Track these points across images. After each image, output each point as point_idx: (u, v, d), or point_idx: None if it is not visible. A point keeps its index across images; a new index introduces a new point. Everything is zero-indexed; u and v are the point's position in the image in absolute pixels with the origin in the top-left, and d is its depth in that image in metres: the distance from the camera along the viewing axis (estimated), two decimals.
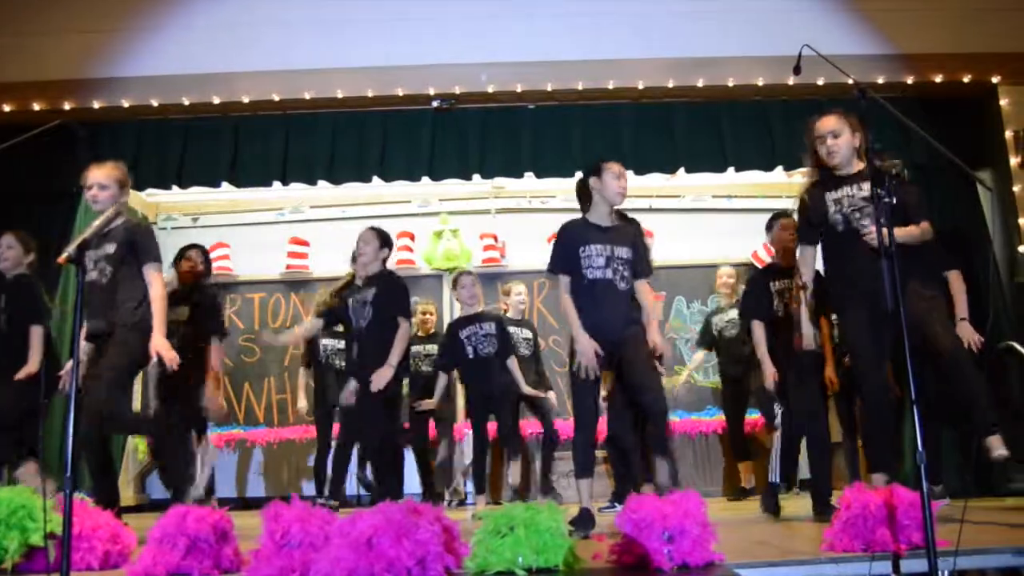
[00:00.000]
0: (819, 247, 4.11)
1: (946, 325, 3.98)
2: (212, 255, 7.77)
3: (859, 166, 3.95)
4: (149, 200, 8.19)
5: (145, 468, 7.56)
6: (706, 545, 2.47)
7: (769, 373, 4.58)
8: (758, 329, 4.71)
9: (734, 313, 6.28)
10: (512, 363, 5.84)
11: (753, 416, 6.62)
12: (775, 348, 4.59)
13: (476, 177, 6.36)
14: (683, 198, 7.99)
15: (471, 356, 5.69)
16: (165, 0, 5.86)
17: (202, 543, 2.63)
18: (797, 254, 4.22)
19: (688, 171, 6.35)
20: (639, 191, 8.09)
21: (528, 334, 6.47)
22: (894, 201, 2.62)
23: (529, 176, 6.38)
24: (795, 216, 4.28)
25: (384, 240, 4.97)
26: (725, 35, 5.79)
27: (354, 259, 5.20)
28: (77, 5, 5.86)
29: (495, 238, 7.97)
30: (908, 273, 3.70)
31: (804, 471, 5.86)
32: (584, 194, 4.26)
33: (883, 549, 2.64)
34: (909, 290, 3.62)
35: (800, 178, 7.89)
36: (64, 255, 2.58)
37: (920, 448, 2.37)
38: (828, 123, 4.00)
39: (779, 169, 6.41)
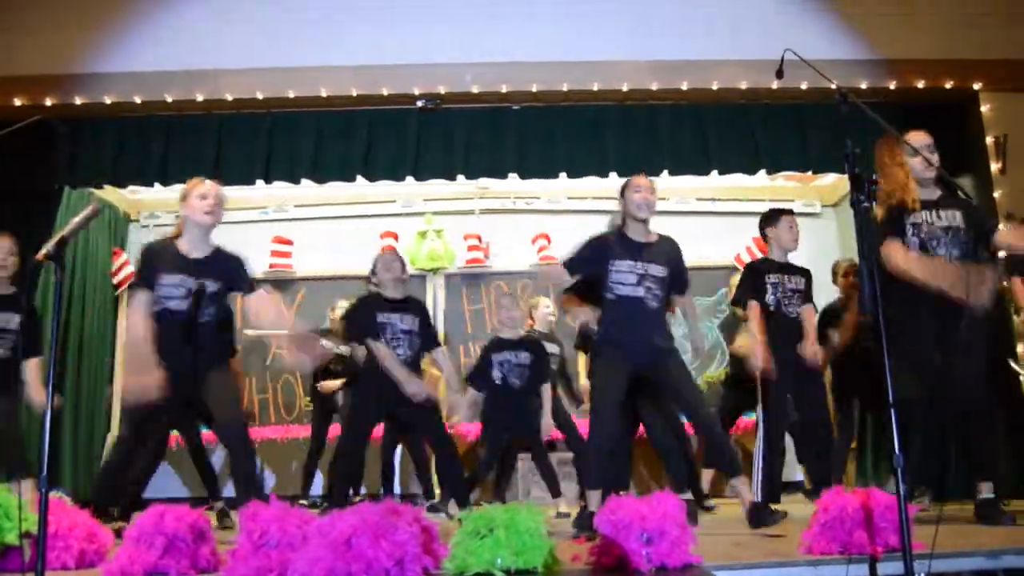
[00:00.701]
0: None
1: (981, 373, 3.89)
2: None
3: (937, 192, 3.97)
4: (132, 197, 8.16)
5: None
6: (684, 547, 2.48)
7: (762, 359, 4.41)
8: (756, 311, 4.60)
9: None
10: (545, 394, 5.50)
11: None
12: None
13: (460, 177, 6.35)
14: (667, 200, 8.00)
15: (498, 383, 5.37)
16: None
17: (179, 542, 2.62)
18: (891, 248, 3.93)
19: (672, 174, 6.36)
20: None
21: (555, 348, 6.13)
22: (872, 205, 2.62)
23: (513, 177, 6.38)
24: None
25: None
26: (710, 38, 5.82)
27: None
28: (59, 0, 5.82)
29: (479, 239, 7.97)
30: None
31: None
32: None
33: (860, 552, 2.65)
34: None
35: (783, 182, 8.03)
36: (43, 252, 2.56)
37: (897, 452, 2.38)
38: (925, 137, 4.01)
39: (762, 173, 6.44)
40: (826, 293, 6.11)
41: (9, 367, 4.53)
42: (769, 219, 4.92)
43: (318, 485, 6.73)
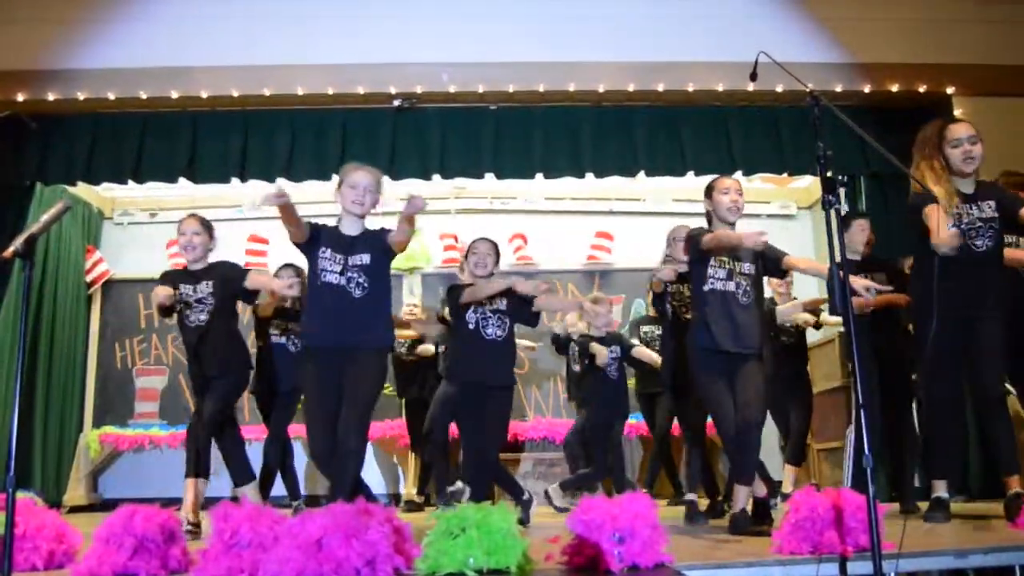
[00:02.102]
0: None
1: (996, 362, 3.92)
2: (168, 251, 7.74)
3: (973, 183, 3.99)
4: (105, 195, 8.09)
5: (97, 467, 7.45)
6: (656, 547, 2.48)
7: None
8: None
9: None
10: None
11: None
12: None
13: (436, 177, 6.34)
14: (643, 201, 8.04)
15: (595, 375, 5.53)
16: None
17: (149, 543, 2.60)
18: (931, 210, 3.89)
19: (648, 174, 6.39)
20: (599, 194, 8.15)
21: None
22: (844, 210, 2.65)
23: (490, 177, 6.39)
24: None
25: None
26: (686, 40, 5.84)
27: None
28: None
29: (455, 239, 7.95)
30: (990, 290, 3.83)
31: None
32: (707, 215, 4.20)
33: (831, 551, 2.67)
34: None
35: (760, 183, 8.07)
36: (11, 249, 2.53)
37: (867, 452, 2.40)
38: (965, 128, 3.98)
39: (739, 174, 6.46)
40: (809, 293, 6.28)
41: None
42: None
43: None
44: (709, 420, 4.39)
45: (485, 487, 4.77)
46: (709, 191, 4.14)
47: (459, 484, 4.75)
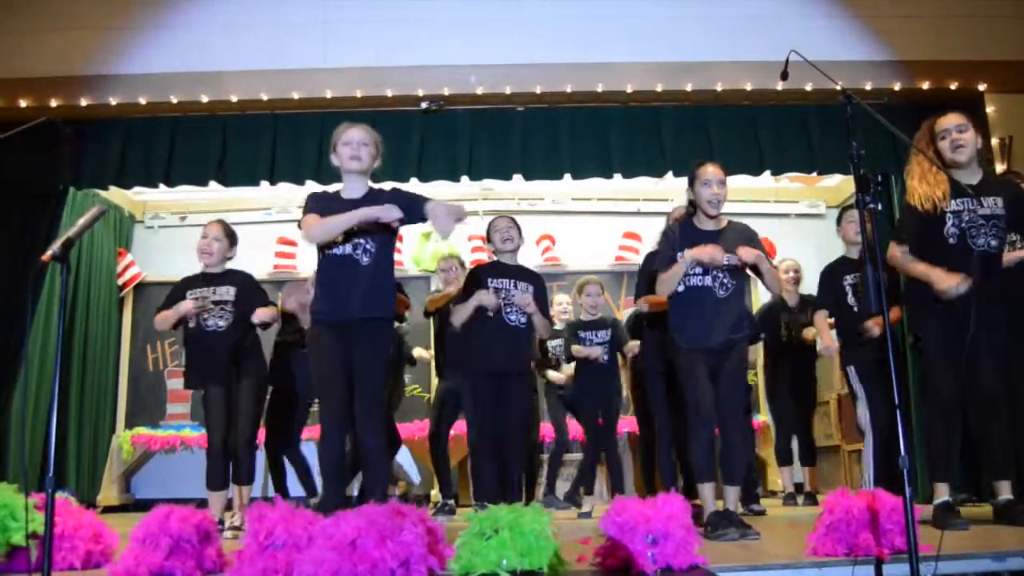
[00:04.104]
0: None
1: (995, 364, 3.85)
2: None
3: (979, 175, 3.91)
4: (136, 198, 8.19)
5: (129, 468, 7.53)
6: (689, 548, 2.47)
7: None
8: (821, 317, 5.02)
9: None
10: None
11: None
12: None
13: (464, 179, 6.34)
14: (671, 201, 8.00)
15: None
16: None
17: (185, 543, 2.62)
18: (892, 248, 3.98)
19: (676, 175, 6.35)
20: (626, 194, 8.14)
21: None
22: (879, 207, 2.62)
23: (518, 178, 6.38)
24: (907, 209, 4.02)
25: None
26: (714, 39, 5.81)
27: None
28: (65, 3, 5.83)
29: (483, 240, 7.95)
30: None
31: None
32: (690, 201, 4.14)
33: (866, 554, 2.65)
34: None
35: (788, 183, 8.03)
36: (49, 253, 2.56)
37: (903, 453, 2.38)
38: (954, 117, 3.92)
39: (767, 174, 6.43)
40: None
41: None
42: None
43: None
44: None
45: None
46: (692, 179, 4.07)
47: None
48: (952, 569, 2.66)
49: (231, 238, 4.83)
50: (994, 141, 5.89)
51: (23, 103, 5.87)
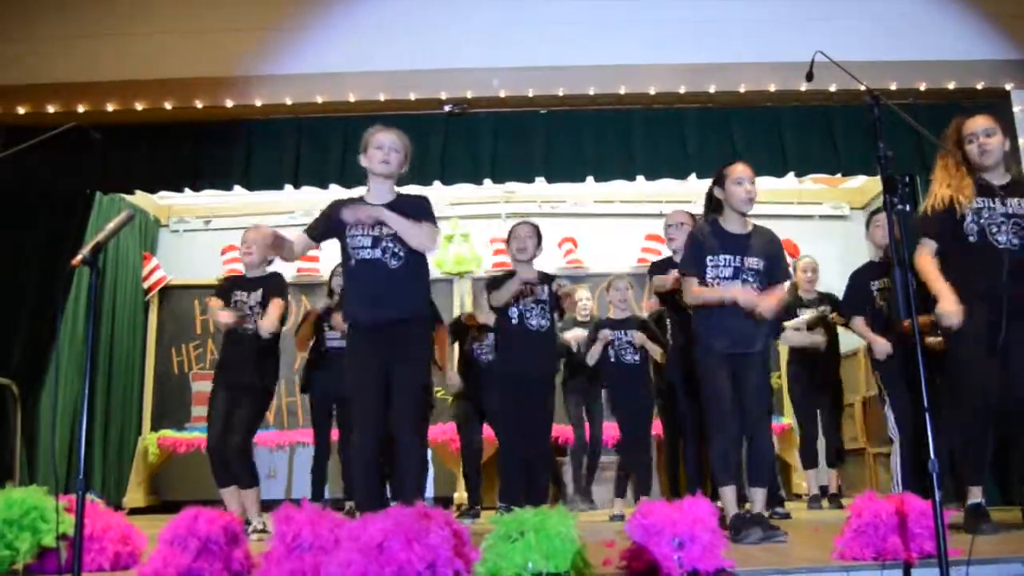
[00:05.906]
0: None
1: None
2: (224, 258, 7.87)
3: (1005, 177, 3.87)
4: (161, 203, 8.26)
5: (155, 469, 7.59)
6: (716, 552, 2.46)
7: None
8: (860, 323, 4.92)
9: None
10: None
11: None
12: None
13: (487, 181, 6.35)
14: (694, 203, 7.96)
15: (612, 360, 5.62)
16: (175, 4, 5.89)
17: (213, 545, 2.63)
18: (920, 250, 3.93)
19: (700, 177, 6.32)
20: (649, 196, 8.12)
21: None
22: (908, 209, 2.60)
23: (540, 181, 6.38)
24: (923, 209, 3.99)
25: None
26: (737, 41, 5.78)
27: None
28: (88, 9, 5.88)
29: (504, 242, 7.97)
30: None
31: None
32: (712, 202, 4.10)
33: (894, 558, 2.62)
34: None
35: (812, 184, 7.98)
36: (79, 257, 2.59)
37: (932, 456, 2.36)
38: (982, 121, 3.88)
39: (791, 175, 6.39)
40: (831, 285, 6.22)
41: None
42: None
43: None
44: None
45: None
46: (721, 179, 4.02)
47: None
48: (984, 574, 2.63)
49: None
50: (1021, 140, 5.83)
51: (51, 108, 5.95)
